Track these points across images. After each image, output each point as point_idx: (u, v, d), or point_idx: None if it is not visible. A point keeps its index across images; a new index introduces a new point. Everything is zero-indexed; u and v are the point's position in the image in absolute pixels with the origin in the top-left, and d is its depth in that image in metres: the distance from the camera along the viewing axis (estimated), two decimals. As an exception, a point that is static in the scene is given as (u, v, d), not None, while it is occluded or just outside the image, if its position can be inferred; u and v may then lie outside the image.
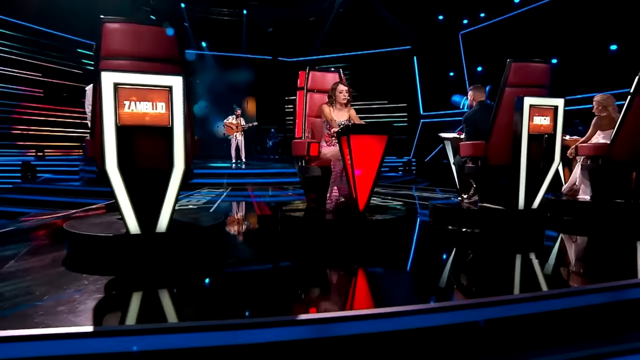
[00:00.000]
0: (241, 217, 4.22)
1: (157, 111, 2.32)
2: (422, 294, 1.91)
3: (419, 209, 4.72)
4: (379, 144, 2.93)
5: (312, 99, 3.69)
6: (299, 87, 3.64)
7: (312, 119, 3.65)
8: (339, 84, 3.39)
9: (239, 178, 8.14)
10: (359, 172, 2.95)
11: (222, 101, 13.88)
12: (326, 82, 3.71)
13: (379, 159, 2.94)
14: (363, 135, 2.86)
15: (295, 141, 3.50)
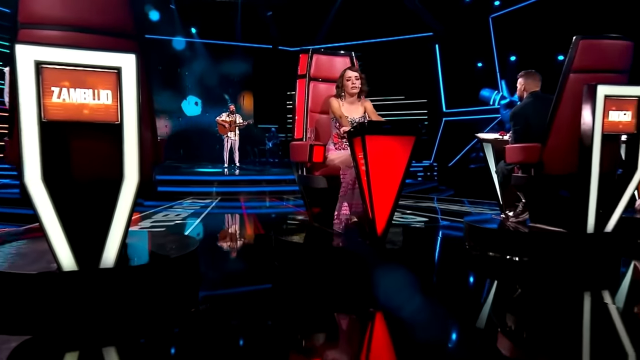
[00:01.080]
0: (227, 239, 3.85)
1: (101, 102, 1.92)
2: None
3: (446, 226, 4.41)
4: (404, 148, 2.58)
5: (317, 90, 3.43)
6: (300, 74, 3.39)
7: (317, 116, 3.40)
8: (347, 69, 3.15)
9: (231, 186, 7.89)
10: (377, 183, 2.61)
11: (214, 96, 13.73)
12: (334, 68, 3.46)
13: (404, 168, 2.59)
14: (383, 136, 2.52)
15: (295, 143, 3.24)
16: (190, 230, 3.91)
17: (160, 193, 6.78)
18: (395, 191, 2.65)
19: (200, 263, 2.61)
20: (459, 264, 2.96)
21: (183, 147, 13.44)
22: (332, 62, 3.49)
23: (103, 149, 1.94)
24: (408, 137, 2.61)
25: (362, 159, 2.59)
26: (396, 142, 2.59)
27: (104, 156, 1.95)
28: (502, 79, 11.90)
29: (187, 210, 5.47)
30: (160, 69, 13.34)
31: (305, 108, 3.36)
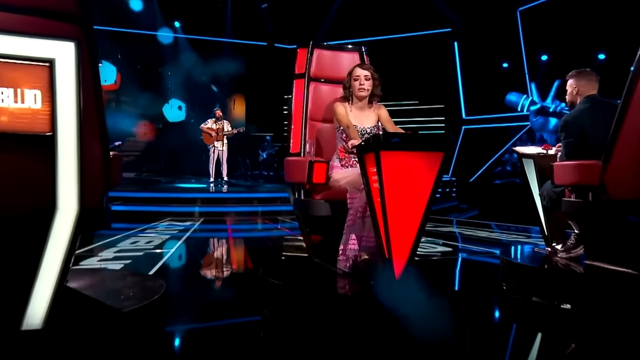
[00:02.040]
0: (204, 277, 3.55)
1: (25, 105, 1.64)
2: None
3: (475, 259, 4.20)
4: (429, 167, 2.41)
5: (318, 93, 3.30)
6: (297, 73, 3.28)
7: (318, 124, 3.26)
8: (356, 66, 3.03)
9: (217, 205, 7.69)
10: (395, 211, 2.42)
11: (200, 100, 13.69)
12: (340, 65, 3.35)
13: (429, 192, 2.42)
14: (402, 151, 2.34)
15: (290, 159, 3.07)
16: (160, 266, 3.58)
17: (132, 214, 6.70)
18: (418, 222, 2.45)
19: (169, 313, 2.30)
20: (497, 314, 2.74)
21: (164, 157, 13.41)
22: (337, 59, 3.37)
23: (27, 170, 1.63)
24: (435, 154, 2.42)
25: (375, 180, 2.42)
26: (420, 160, 2.41)
27: (29, 179, 1.63)
28: (532, 82, 11.84)
29: (162, 234, 5.29)
30: (138, 68, 13.30)
31: (304, 115, 3.20)
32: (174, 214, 7.00)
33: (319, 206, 2.86)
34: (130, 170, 12.15)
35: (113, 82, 13.17)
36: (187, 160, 12.79)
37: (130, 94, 13.11)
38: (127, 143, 12.71)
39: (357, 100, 2.99)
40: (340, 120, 2.92)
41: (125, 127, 13.13)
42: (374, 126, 2.98)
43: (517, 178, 10.73)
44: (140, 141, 13.40)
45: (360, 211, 2.67)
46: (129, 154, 12.94)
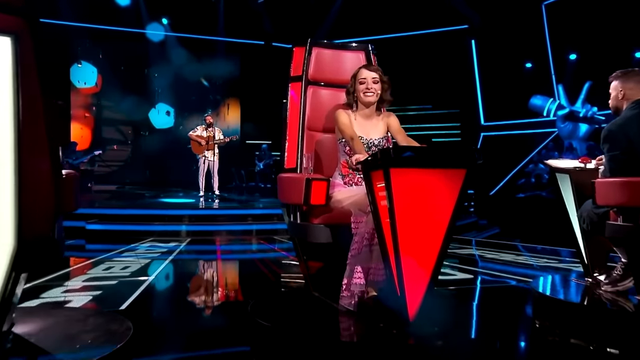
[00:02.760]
0: (184, 313, 3.40)
1: None
2: None
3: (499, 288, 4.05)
4: (450, 186, 2.37)
5: (317, 98, 3.26)
6: (293, 76, 3.26)
7: (317, 135, 3.23)
8: (362, 67, 3.00)
9: (206, 223, 7.50)
10: (409, 239, 2.38)
11: (190, 104, 13.71)
12: (343, 67, 3.32)
13: (449, 215, 2.40)
14: (416, 168, 2.31)
15: (285, 176, 3.04)
16: (134, 298, 3.41)
17: (109, 234, 6.61)
18: (436, 252, 2.42)
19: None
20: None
21: (150, 168, 13.36)
22: (339, 59, 3.34)
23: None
24: (456, 171, 2.38)
25: (384, 202, 2.36)
26: (437, 178, 2.38)
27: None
28: (559, 84, 11.75)
29: (142, 258, 5.16)
30: (122, 70, 13.24)
31: (301, 124, 3.16)
32: (158, 233, 6.87)
33: (318, 232, 2.80)
34: (112, 182, 12.10)
35: (93, 84, 13.16)
36: (175, 171, 12.70)
37: (112, 97, 13.09)
38: (108, 152, 12.67)
39: (364, 107, 2.95)
40: (343, 131, 2.86)
41: (107, 134, 13.08)
42: (383, 137, 2.93)
43: (544, 191, 10.62)
44: (124, 150, 13.29)
45: (367, 238, 2.61)
46: (110, 163, 12.92)
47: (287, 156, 3.14)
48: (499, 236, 8.15)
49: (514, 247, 6.54)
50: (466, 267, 4.86)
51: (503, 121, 12.91)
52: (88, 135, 13.02)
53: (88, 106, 13.20)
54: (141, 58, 13.27)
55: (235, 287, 4.13)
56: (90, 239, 6.43)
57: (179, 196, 10.26)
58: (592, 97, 10.80)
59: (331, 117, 3.02)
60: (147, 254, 5.37)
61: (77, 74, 12.98)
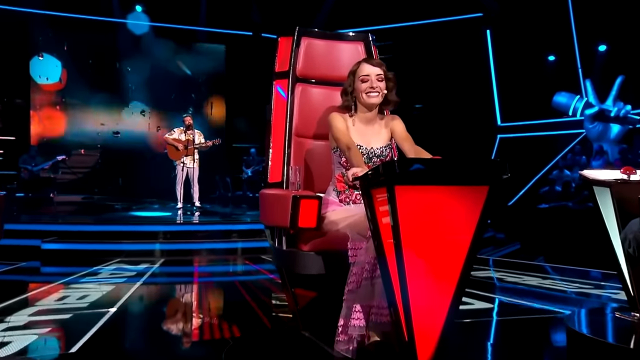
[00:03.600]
0: (149, 357, 3.25)
1: None
2: None
3: (525, 320, 3.95)
4: (468, 206, 2.27)
5: (308, 99, 3.23)
6: (278, 72, 3.25)
7: (307, 143, 3.21)
8: (363, 62, 2.92)
9: (184, 240, 7.47)
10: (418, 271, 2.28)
11: (169, 103, 13.59)
12: (338, 60, 3.30)
13: (468, 241, 2.29)
14: (427, 186, 2.21)
15: (268, 193, 3.02)
16: (87, 339, 3.25)
17: (70, 254, 6.58)
18: (453, 287, 2.31)
19: None
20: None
21: (122, 175, 13.21)
22: (334, 52, 3.31)
23: None
24: (477, 188, 2.27)
25: (388, 226, 2.23)
26: (454, 197, 2.29)
27: None
28: (587, 79, 11.73)
29: (107, 282, 5.13)
30: (90, 64, 13.17)
31: (288, 130, 3.11)
32: (126, 253, 6.81)
33: (308, 261, 2.75)
34: (78, 192, 11.98)
35: (57, 80, 13.02)
36: (151, 179, 12.49)
37: (79, 94, 13.00)
38: (74, 157, 12.60)
39: (365, 109, 2.89)
40: (338, 139, 2.77)
41: (73, 136, 13.03)
42: (386, 146, 2.87)
43: (570, 201, 10.62)
44: (92, 154, 13.25)
45: (367, 269, 2.52)
46: (77, 170, 12.82)
47: (271, 168, 3.09)
48: (520, 253, 8.13)
49: (539, 268, 6.50)
50: (484, 293, 4.77)
51: (522, 122, 12.84)
52: (50, 139, 12.91)
53: (51, 105, 13.10)
54: (112, 50, 13.21)
55: (212, 321, 3.98)
56: (47, 260, 6.35)
57: (154, 209, 10.25)
58: (624, 93, 10.80)
59: (324, 121, 2.96)
60: (111, 279, 5.31)
61: (38, 68, 12.86)
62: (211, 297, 4.85)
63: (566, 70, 12.06)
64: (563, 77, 12.03)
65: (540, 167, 12.10)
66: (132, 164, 13.01)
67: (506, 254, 7.89)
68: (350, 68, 2.92)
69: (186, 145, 9.50)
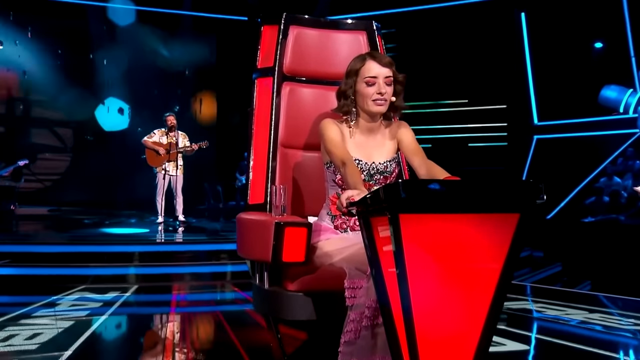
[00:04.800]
0: None
1: None
2: None
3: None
4: (494, 238, 2.20)
5: (297, 101, 3.23)
6: (261, 68, 3.26)
7: (298, 155, 3.21)
8: (366, 58, 2.81)
9: (162, 263, 7.41)
10: (432, 319, 2.21)
11: (151, 99, 13.65)
12: (334, 54, 3.28)
13: (496, 278, 2.23)
14: (441, 214, 2.13)
15: (246, 217, 2.96)
16: None
17: (26, 280, 6.53)
18: (476, 339, 2.22)
19: None
20: None
21: (95, 183, 13.34)
22: (329, 43, 3.27)
23: None
24: (505, 216, 2.18)
25: (391, 263, 2.14)
26: (475, 227, 2.18)
27: None
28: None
29: (66, 315, 5.02)
30: (59, 54, 13.29)
31: (271, 139, 3.07)
32: (94, 279, 6.75)
33: (295, 304, 2.67)
34: (44, 203, 12.05)
35: (20, 72, 13.14)
36: (130, 188, 12.54)
37: (46, 90, 13.13)
38: (40, 162, 12.66)
39: (367, 117, 2.79)
40: (332, 152, 2.68)
41: (38, 138, 13.06)
42: (391, 160, 2.78)
43: (621, 214, 10.59)
44: (61, 159, 13.27)
45: (368, 316, 2.42)
46: (43, 177, 12.99)
47: (251, 186, 3.04)
48: (562, 276, 8.21)
49: (585, 297, 6.39)
50: (518, 330, 4.69)
51: (563, 120, 12.79)
52: (11, 140, 13.00)
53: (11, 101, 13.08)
54: (85, 38, 13.32)
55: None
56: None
57: (130, 224, 10.28)
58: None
59: (316, 129, 2.86)
60: (72, 311, 5.21)
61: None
62: (189, 338, 4.76)
63: (616, 60, 11.99)
64: (613, 68, 11.97)
65: (584, 173, 12.08)
66: (108, 171, 13.08)
67: (545, 278, 7.88)
68: (349, 64, 2.81)
69: (168, 150, 9.45)
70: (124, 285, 6.63)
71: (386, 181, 2.70)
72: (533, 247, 10.45)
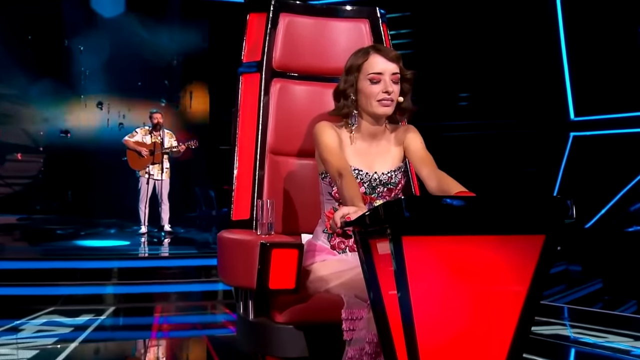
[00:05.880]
0: None
1: None
2: None
3: None
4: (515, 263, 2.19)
5: (289, 100, 3.24)
6: (247, 62, 3.28)
7: (290, 163, 3.22)
8: (370, 52, 2.78)
9: (145, 281, 7.41)
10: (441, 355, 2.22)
11: (134, 93, 13.70)
12: (332, 46, 3.29)
13: (518, 309, 2.23)
14: (451, 236, 2.11)
15: (227, 237, 2.95)
16: None
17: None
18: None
19: None
20: None
21: (71, 188, 13.37)
22: (326, 33, 3.28)
23: None
24: (528, 238, 2.17)
25: (393, 290, 2.13)
26: (493, 250, 2.16)
27: None
28: None
29: (30, 342, 5.02)
30: (29, 40, 13.32)
31: (259, 145, 3.09)
32: (65, 299, 6.76)
33: (284, 338, 2.64)
34: (12, 211, 12.07)
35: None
36: (109, 193, 12.64)
37: (14, 82, 13.11)
38: (8, 164, 12.84)
39: (371, 120, 2.77)
40: (327, 160, 2.67)
41: (5, 136, 13.26)
42: (397, 170, 2.76)
43: None
44: (33, 160, 13.40)
45: (369, 352, 2.40)
46: (11, 181, 12.99)
47: (234, 200, 3.05)
48: (602, 294, 8.14)
49: (631, 321, 6.38)
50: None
51: (604, 115, 12.68)
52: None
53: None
54: (59, 23, 13.36)
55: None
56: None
57: (109, 235, 10.32)
58: None
59: (311, 133, 2.87)
60: (37, 338, 5.21)
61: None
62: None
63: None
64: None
65: (629, 176, 11.99)
66: (86, 173, 13.13)
67: (583, 297, 7.87)
68: (349, 58, 2.78)
69: (152, 150, 9.54)
70: (99, 306, 6.63)
71: (391, 194, 2.69)
72: (569, 261, 10.43)
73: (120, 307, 6.68)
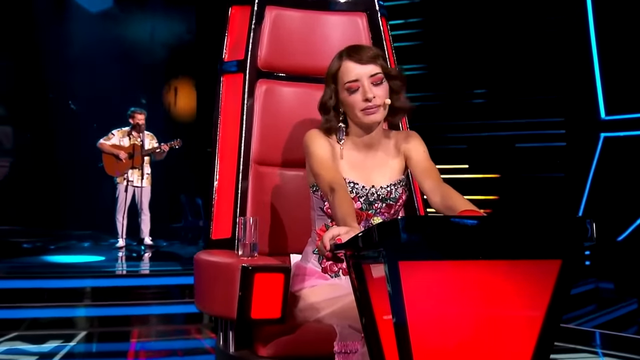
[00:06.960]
0: None
1: None
2: None
3: None
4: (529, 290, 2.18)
5: (275, 101, 3.27)
6: (228, 61, 3.35)
7: (276, 174, 3.25)
8: (343, 57, 2.79)
9: (121, 302, 7.38)
10: None
11: (112, 90, 13.67)
12: (323, 43, 3.31)
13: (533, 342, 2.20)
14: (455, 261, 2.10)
15: (205, 259, 2.96)
16: None
17: None
18: None
19: None
20: None
21: (40, 196, 13.45)
22: (317, 28, 3.32)
23: None
24: (543, 263, 2.16)
25: (389, 322, 2.11)
26: (503, 277, 2.15)
27: None
28: None
29: None
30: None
31: (241, 154, 3.12)
32: (29, 323, 6.76)
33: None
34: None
35: None
36: (83, 202, 12.76)
37: None
38: None
39: (361, 131, 2.78)
40: (319, 174, 2.65)
41: None
42: (398, 183, 2.75)
43: None
44: None
45: None
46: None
47: (214, 216, 3.06)
48: (637, 316, 8.10)
49: None
50: None
51: (638, 114, 12.73)
52: None
53: None
54: (27, 13, 13.40)
55: None
56: None
57: (82, 249, 10.32)
58: None
59: (300, 140, 2.84)
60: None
61: None
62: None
63: None
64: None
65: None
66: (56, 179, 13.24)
67: (616, 320, 7.86)
68: (329, 65, 2.79)
69: (131, 154, 9.56)
70: (69, 331, 6.60)
71: (390, 211, 2.67)
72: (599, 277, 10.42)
73: (93, 332, 6.66)
